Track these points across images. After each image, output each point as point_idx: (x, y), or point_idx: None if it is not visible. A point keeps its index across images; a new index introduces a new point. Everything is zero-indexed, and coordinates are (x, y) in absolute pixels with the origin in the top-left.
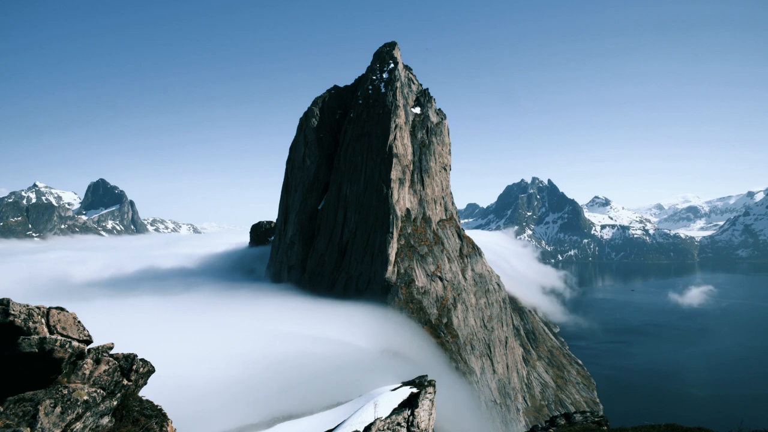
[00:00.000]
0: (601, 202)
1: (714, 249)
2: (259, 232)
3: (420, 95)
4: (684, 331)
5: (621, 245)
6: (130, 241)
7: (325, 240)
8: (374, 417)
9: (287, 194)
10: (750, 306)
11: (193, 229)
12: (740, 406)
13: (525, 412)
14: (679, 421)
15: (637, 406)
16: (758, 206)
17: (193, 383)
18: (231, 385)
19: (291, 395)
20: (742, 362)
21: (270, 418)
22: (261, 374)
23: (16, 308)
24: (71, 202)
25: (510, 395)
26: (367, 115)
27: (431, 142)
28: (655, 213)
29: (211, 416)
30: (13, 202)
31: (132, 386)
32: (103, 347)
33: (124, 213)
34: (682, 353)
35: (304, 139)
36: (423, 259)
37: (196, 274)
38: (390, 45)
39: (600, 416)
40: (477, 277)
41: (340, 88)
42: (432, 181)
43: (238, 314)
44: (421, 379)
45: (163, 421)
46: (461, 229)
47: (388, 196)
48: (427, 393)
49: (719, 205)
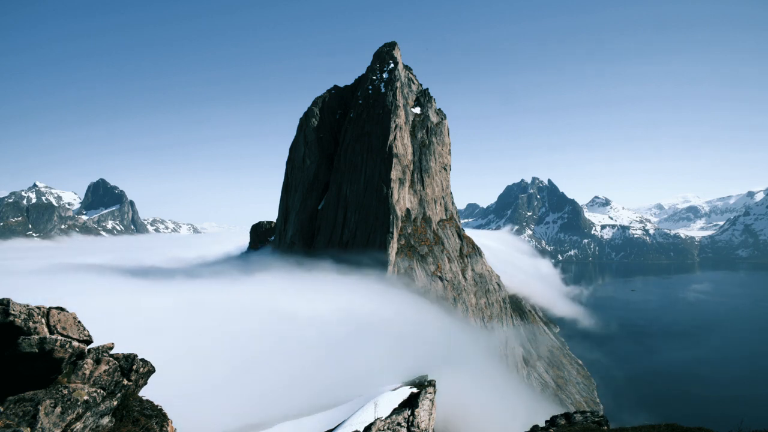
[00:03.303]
0: (601, 202)
1: (714, 249)
2: (259, 232)
3: (420, 95)
4: (684, 330)
5: (621, 245)
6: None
7: (325, 240)
8: (374, 417)
9: (287, 194)
10: (750, 306)
11: (193, 229)
12: (740, 406)
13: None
14: (679, 421)
15: (637, 406)
16: (758, 206)
17: (193, 383)
18: (232, 385)
19: (291, 395)
20: (742, 362)
21: (270, 418)
22: (261, 374)
23: (16, 308)
24: (71, 202)
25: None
26: (367, 115)
27: (431, 142)
28: (655, 213)
29: (211, 416)
30: (13, 202)
31: (132, 386)
32: (103, 347)
33: (124, 213)
34: (682, 353)
35: (304, 139)
36: (423, 259)
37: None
38: (390, 45)
39: (600, 416)
40: (477, 277)
41: (340, 88)
42: (432, 181)
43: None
44: (422, 379)
45: (163, 421)
46: (461, 229)
47: (388, 196)
48: (427, 393)
49: (719, 205)
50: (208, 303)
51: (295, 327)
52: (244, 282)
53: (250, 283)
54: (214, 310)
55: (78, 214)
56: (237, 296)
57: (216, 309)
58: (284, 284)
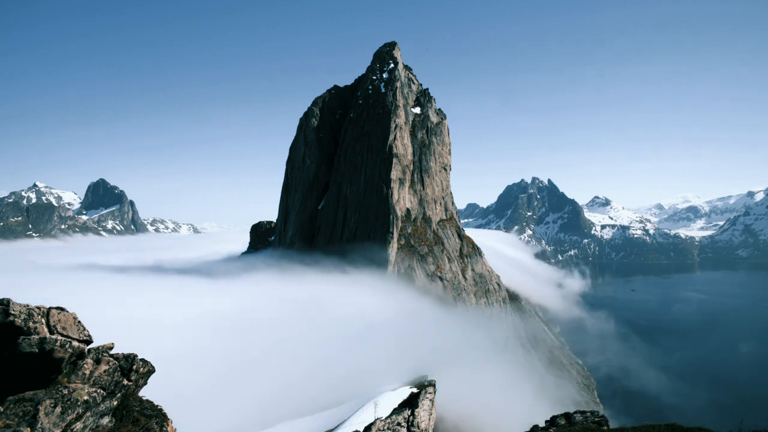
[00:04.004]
0: (601, 202)
1: (714, 249)
2: (259, 232)
3: (420, 95)
4: (684, 330)
5: (621, 245)
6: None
7: (325, 240)
8: (374, 417)
9: (287, 194)
10: (750, 306)
11: (193, 229)
12: (740, 406)
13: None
14: (679, 421)
15: (637, 406)
16: (758, 206)
17: (193, 383)
18: (232, 385)
19: (291, 395)
20: (742, 362)
21: (270, 418)
22: (261, 374)
23: (16, 308)
24: (71, 202)
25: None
26: (367, 115)
27: (431, 142)
28: (655, 213)
29: (211, 416)
30: (13, 202)
31: (132, 386)
32: (103, 347)
33: (124, 213)
34: (682, 353)
35: (304, 139)
36: (423, 259)
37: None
38: (390, 45)
39: (600, 416)
40: (477, 277)
41: (340, 88)
42: (432, 181)
43: (237, 314)
44: (422, 379)
45: (163, 421)
46: (461, 229)
47: (388, 196)
48: (427, 393)
49: (719, 205)
50: (207, 303)
51: (294, 327)
52: (244, 282)
53: (249, 284)
54: (214, 311)
55: (78, 214)
56: (236, 296)
57: (215, 309)
58: (284, 285)
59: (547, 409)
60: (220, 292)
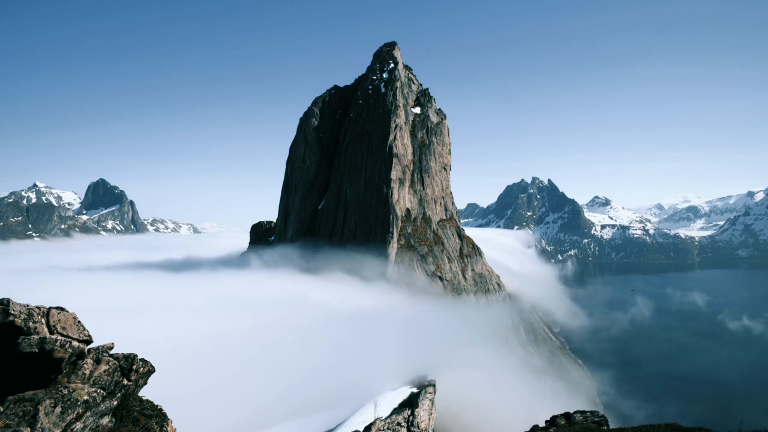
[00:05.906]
0: (601, 202)
1: (714, 249)
2: (259, 232)
3: (420, 95)
4: (684, 330)
5: (621, 245)
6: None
7: (325, 240)
8: (374, 417)
9: (287, 194)
10: (750, 306)
11: (193, 229)
12: (740, 407)
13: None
14: (679, 421)
15: (637, 407)
16: (758, 206)
17: (194, 383)
18: (232, 385)
19: (291, 395)
20: (742, 362)
21: (270, 418)
22: (262, 374)
23: (16, 308)
24: (71, 202)
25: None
26: (367, 115)
27: (431, 142)
28: (655, 213)
29: (211, 416)
30: (13, 202)
31: (132, 386)
32: (103, 347)
33: (124, 213)
34: (682, 353)
35: (304, 139)
36: (423, 259)
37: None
38: (390, 45)
39: (600, 416)
40: (477, 277)
41: (340, 88)
42: (432, 181)
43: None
44: (422, 379)
45: (163, 421)
46: (461, 229)
47: (388, 196)
48: (427, 393)
49: (719, 205)
50: (207, 303)
51: (294, 327)
52: (244, 282)
53: (249, 284)
54: (214, 311)
55: (78, 214)
56: (236, 297)
57: (215, 309)
58: (284, 285)
59: (547, 409)
60: (220, 292)
